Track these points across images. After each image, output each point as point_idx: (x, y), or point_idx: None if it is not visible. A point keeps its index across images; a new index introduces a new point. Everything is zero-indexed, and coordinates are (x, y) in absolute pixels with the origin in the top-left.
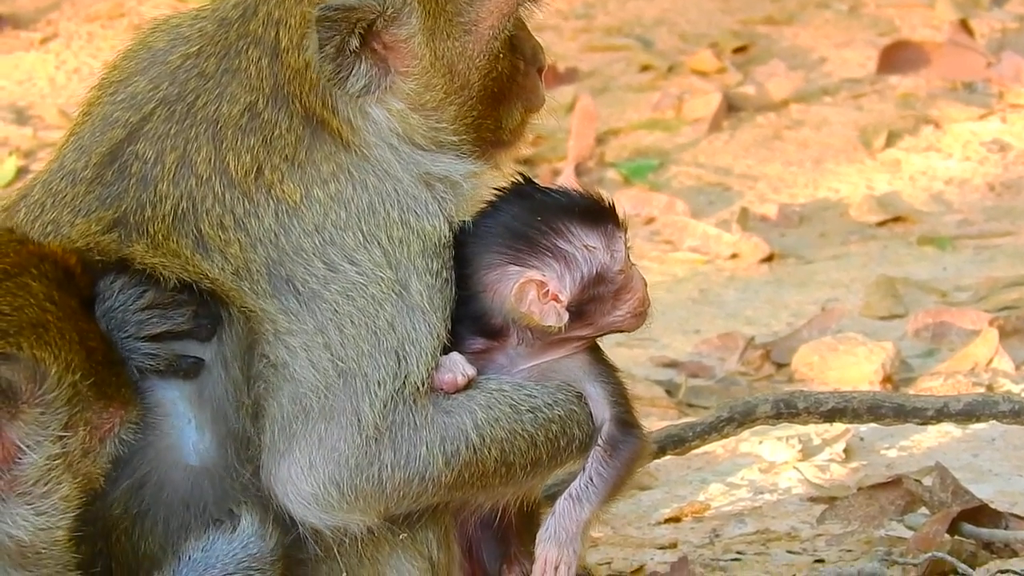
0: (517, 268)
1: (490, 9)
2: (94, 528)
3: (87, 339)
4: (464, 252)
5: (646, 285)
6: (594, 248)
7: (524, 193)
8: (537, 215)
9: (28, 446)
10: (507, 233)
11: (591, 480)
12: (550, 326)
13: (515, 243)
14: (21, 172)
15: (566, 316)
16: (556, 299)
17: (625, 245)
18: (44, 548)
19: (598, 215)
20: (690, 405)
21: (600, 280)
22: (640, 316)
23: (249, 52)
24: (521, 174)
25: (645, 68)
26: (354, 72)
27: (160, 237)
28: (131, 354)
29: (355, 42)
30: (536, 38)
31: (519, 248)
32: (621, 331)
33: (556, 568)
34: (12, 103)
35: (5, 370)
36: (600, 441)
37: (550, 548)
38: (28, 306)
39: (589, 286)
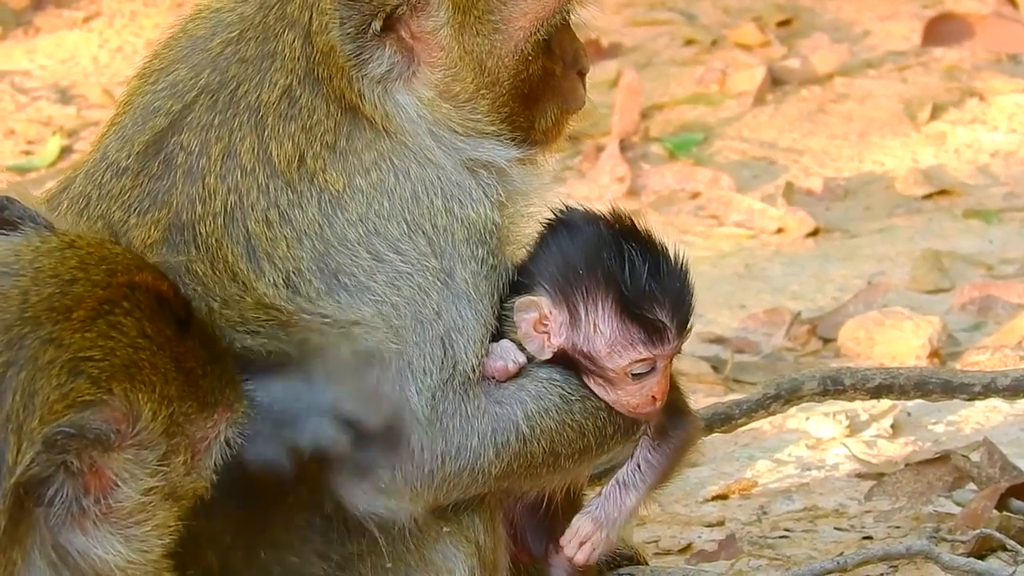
0: (543, 288)
1: (524, 11)
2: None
3: (184, 362)
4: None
5: (654, 402)
6: (601, 332)
7: (606, 234)
8: (588, 264)
9: (125, 480)
10: (562, 254)
11: (639, 467)
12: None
13: (559, 267)
14: (65, 152)
15: (547, 354)
16: (548, 337)
17: (640, 359)
18: (136, 573)
19: (636, 315)
20: (736, 381)
21: (589, 359)
22: (636, 412)
23: (285, 35)
24: (625, 213)
25: (689, 42)
26: (376, 56)
27: (213, 242)
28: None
29: (377, 25)
30: (579, 40)
31: (558, 274)
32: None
33: (582, 543)
34: (55, 82)
35: (95, 417)
36: (649, 430)
37: (586, 522)
38: (120, 347)
39: (578, 354)
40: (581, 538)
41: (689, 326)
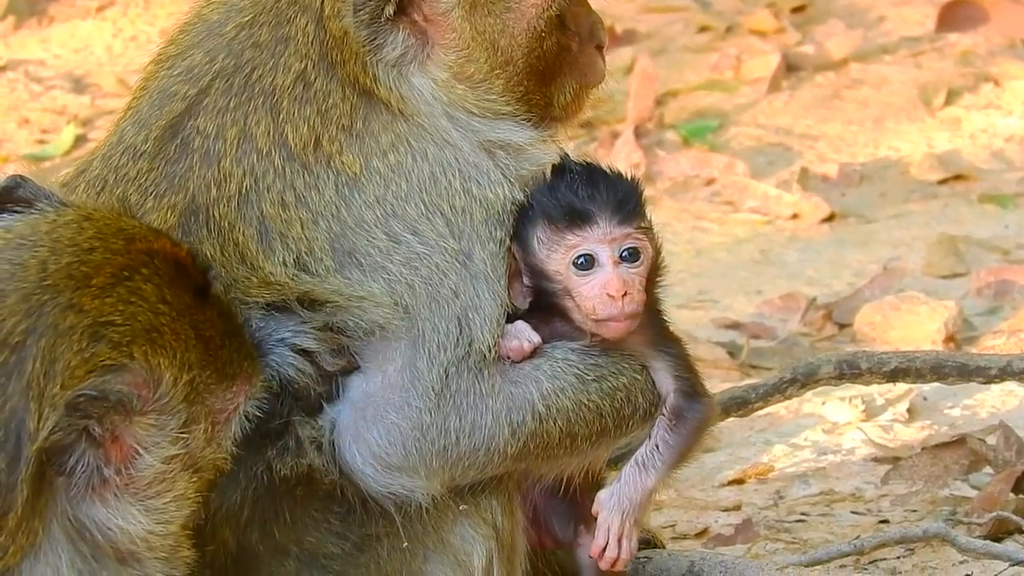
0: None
1: None
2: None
3: (204, 330)
4: None
5: (612, 301)
6: (540, 239)
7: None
8: (530, 196)
9: (146, 448)
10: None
11: (657, 448)
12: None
13: (521, 215)
14: (79, 141)
15: (528, 299)
16: (520, 281)
17: (571, 246)
18: (155, 544)
19: (560, 212)
20: (752, 366)
21: (543, 275)
22: (600, 324)
23: (298, 20)
24: (563, 155)
25: (703, 29)
26: (390, 40)
27: (225, 225)
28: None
29: (391, 10)
30: (596, 14)
31: (517, 220)
32: (601, 336)
33: (619, 540)
34: (69, 72)
35: (117, 381)
36: (665, 410)
37: (614, 518)
38: (141, 312)
39: (540, 280)
40: (615, 534)
41: (632, 220)
